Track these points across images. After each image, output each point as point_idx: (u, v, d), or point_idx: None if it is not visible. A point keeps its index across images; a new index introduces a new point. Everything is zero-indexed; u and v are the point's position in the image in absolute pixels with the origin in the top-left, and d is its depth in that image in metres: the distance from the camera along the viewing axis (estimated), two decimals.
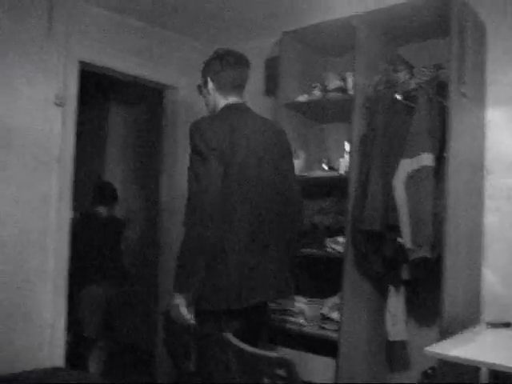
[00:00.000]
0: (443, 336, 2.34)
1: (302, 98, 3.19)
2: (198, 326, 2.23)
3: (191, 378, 3.45)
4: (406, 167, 2.59)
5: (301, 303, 2.96)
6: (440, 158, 2.58)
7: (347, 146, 2.96)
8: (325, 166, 3.18)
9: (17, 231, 3.03)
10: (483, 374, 2.47)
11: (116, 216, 4.38)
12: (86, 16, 3.37)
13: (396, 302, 2.84)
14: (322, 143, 3.46)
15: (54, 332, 3.17)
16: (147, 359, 4.08)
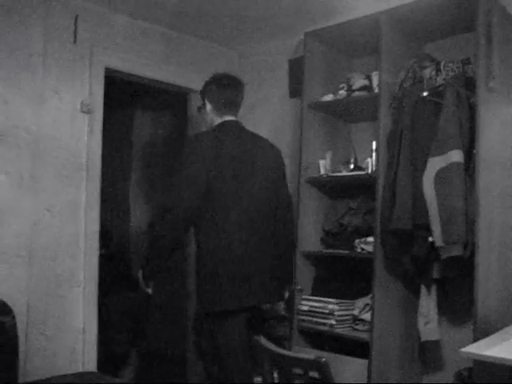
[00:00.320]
0: (477, 336, 2.30)
1: (328, 97, 3.18)
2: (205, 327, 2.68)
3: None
4: (434, 165, 2.55)
5: (331, 304, 2.94)
6: (469, 155, 2.54)
7: (374, 145, 2.93)
8: (352, 166, 3.16)
9: (49, 239, 3.08)
10: None
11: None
12: (110, 23, 3.41)
13: (428, 302, 2.80)
14: (349, 143, 3.44)
15: (86, 337, 3.20)
16: (179, 364, 4.08)
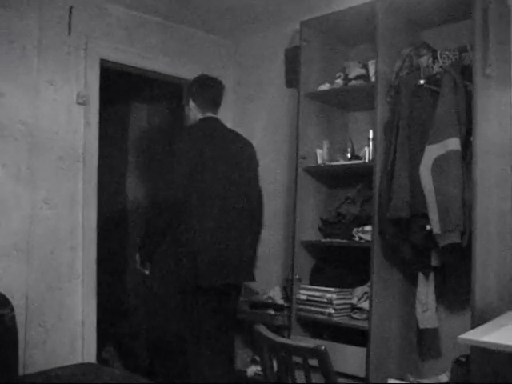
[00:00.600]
0: (475, 323, 2.31)
1: (324, 87, 3.17)
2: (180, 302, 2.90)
3: None
4: (432, 153, 2.55)
5: (330, 293, 2.95)
6: (466, 143, 2.54)
7: (371, 133, 2.93)
8: (349, 155, 3.16)
9: (47, 231, 3.09)
10: None
11: None
12: (105, 14, 3.39)
13: (426, 290, 2.81)
14: (346, 132, 3.44)
15: (85, 329, 3.21)
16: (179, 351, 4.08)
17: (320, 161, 3.18)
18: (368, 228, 2.90)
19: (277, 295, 3.44)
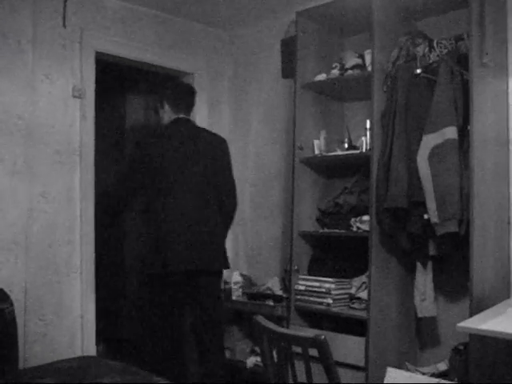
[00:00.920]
0: (473, 311, 2.32)
1: (321, 77, 3.16)
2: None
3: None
4: (429, 142, 2.55)
5: (328, 283, 2.95)
6: (463, 131, 2.54)
7: (368, 123, 2.93)
8: (346, 145, 3.15)
9: (45, 226, 3.09)
10: None
11: None
12: (100, 6, 3.37)
13: (424, 279, 2.82)
14: (343, 122, 3.43)
15: (84, 322, 3.22)
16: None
17: (317, 151, 3.17)
18: (366, 218, 2.90)
19: (275, 286, 3.44)
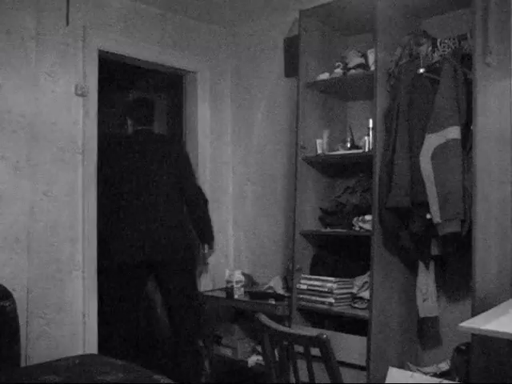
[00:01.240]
0: (475, 312, 2.32)
1: (324, 76, 3.16)
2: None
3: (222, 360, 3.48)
4: (432, 142, 2.55)
5: (330, 283, 2.95)
6: (466, 131, 2.53)
7: (371, 123, 2.92)
8: (349, 145, 3.15)
9: (47, 223, 3.09)
10: None
11: None
12: (103, 5, 3.37)
13: (426, 278, 2.81)
14: (346, 122, 3.43)
15: (87, 320, 3.22)
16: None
17: (320, 151, 3.17)
18: (368, 217, 2.90)
19: (277, 285, 3.44)
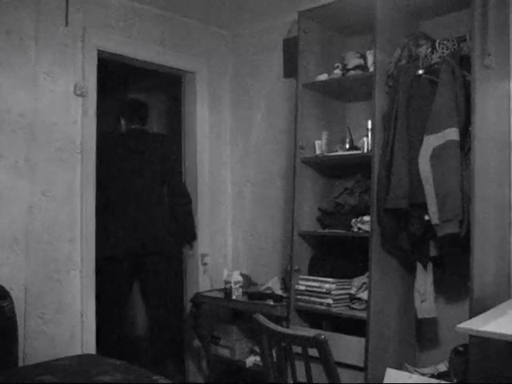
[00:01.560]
0: (473, 313, 2.32)
1: (322, 77, 3.16)
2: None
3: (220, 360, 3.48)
4: (430, 143, 2.55)
5: (328, 284, 2.95)
6: (465, 132, 2.53)
7: (370, 124, 2.92)
8: (347, 146, 3.15)
9: (46, 223, 3.08)
10: None
11: None
12: (102, 5, 3.37)
13: (424, 280, 2.81)
14: (344, 122, 3.43)
15: (85, 319, 3.22)
16: (176, 346, 4.09)
17: (318, 151, 3.17)
18: (366, 218, 2.90)
19: (276, 286, 3.44)
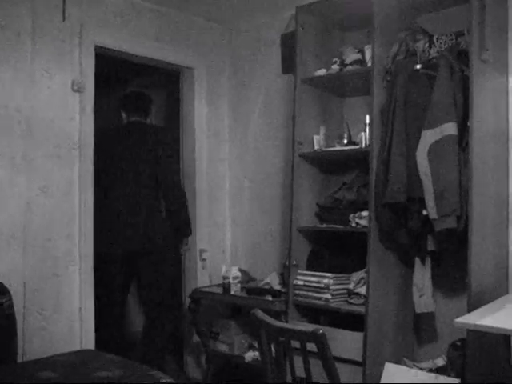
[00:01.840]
0: (471, 307, 2.33)
1: (320, 72, 3.16)
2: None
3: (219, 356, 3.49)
4: (428, 138, 2.55)
5: (327, 279, 2.96)
6: (463, 127, 2.54)
7: (368, 119, 2.92)
8: (345, 141, 3.15)
9: (44, 219, 3.08)
10: None
11: None
12: (100, 0, 3.35)
13: (422, 274, 2.82)
14: (342, 118, 3.43)
15: (83, 315, 3.22)
16: (175, 342, 4.10)
17: (316, 146, 3.17)
18: (365, 213, 2.90)
19: (274, 281, 3.45)
